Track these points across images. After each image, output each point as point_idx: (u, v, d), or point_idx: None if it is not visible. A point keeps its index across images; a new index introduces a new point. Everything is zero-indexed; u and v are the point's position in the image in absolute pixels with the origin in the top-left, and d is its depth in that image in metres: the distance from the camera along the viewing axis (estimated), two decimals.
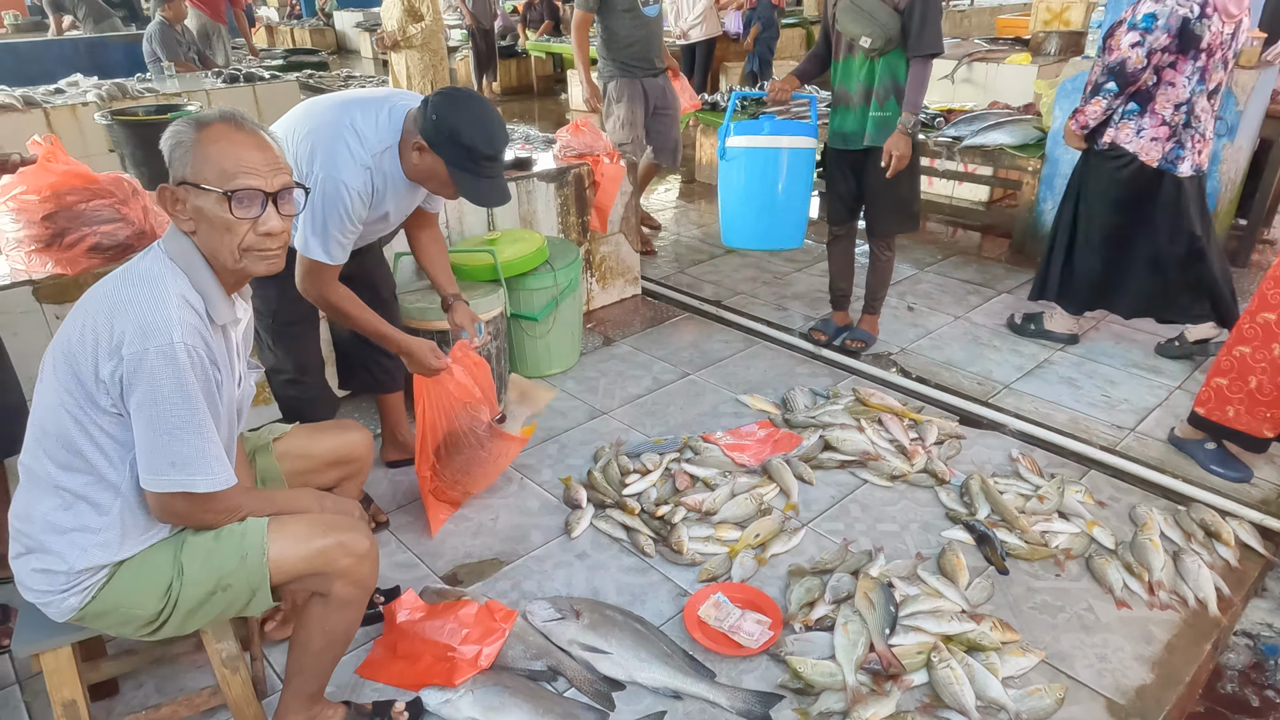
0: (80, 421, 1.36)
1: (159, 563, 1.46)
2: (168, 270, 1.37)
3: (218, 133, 1.37)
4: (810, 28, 10.35)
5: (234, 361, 1.50)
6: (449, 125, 1.85)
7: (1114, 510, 2.46)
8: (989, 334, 3.57)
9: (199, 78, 6.25)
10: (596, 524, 2.41)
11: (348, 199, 1.92)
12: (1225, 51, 2.83)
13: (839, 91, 3.07)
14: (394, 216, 2.15)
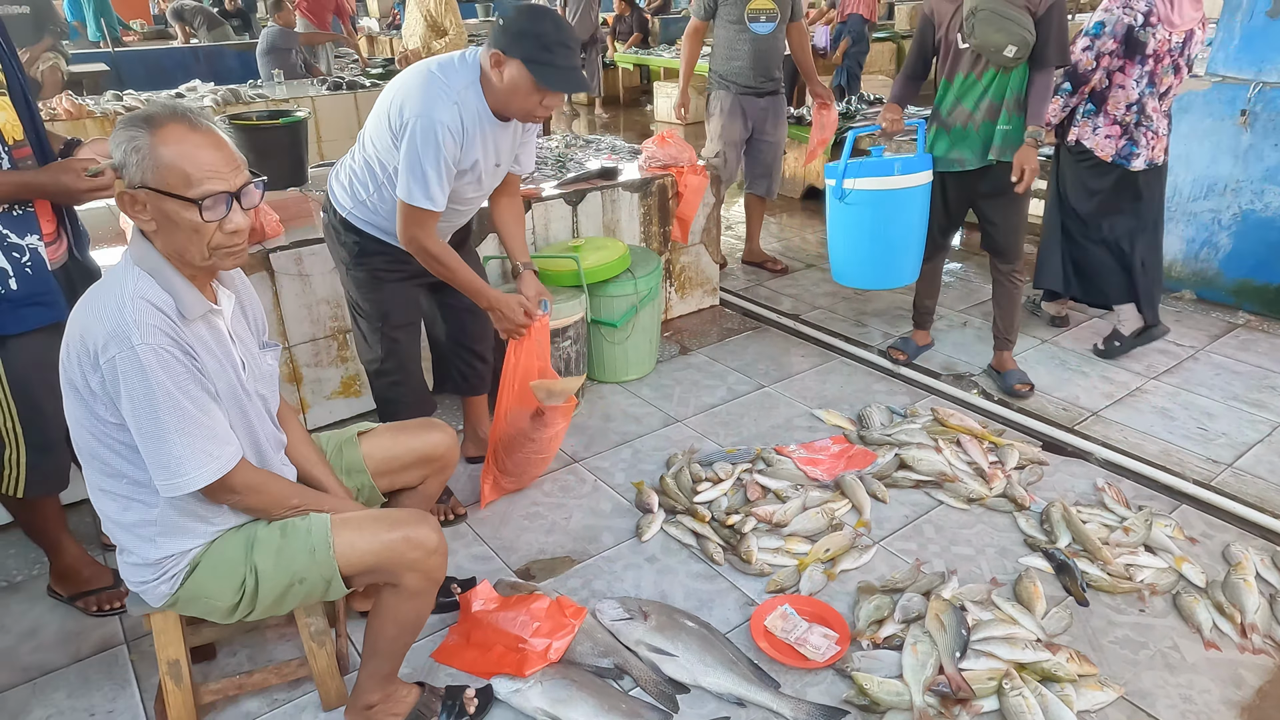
0: (95, 434, 1.45)
1: (231, 559, 1.56)
2: (130, 275, 1.41)
3: (174, 134, 1.36)
4: (901, 42, 10.19)
5: (230, 348, 1.54)
6: (518, 24, 1.92)
7: (1205, 547, 2.36)
8: (1078, 359, 3.46)
9: (305, 84, 6.57)
10: (667, 529, 2.44)
11: (440, 135, 1.96)
12: (1175, 58, 3.11)
13: (954, 111, 2.94)
14: (484, 170, 2.14)
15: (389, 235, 2.22)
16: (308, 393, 2.93)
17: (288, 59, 6.99)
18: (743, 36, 3.96)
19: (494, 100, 2.02)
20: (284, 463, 1.72)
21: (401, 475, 1.91)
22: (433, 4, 5.26)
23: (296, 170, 3.48)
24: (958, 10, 2.81)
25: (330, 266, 2.83)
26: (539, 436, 2.43)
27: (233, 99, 5.65)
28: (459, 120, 1.99)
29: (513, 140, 2.21)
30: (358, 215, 2.23)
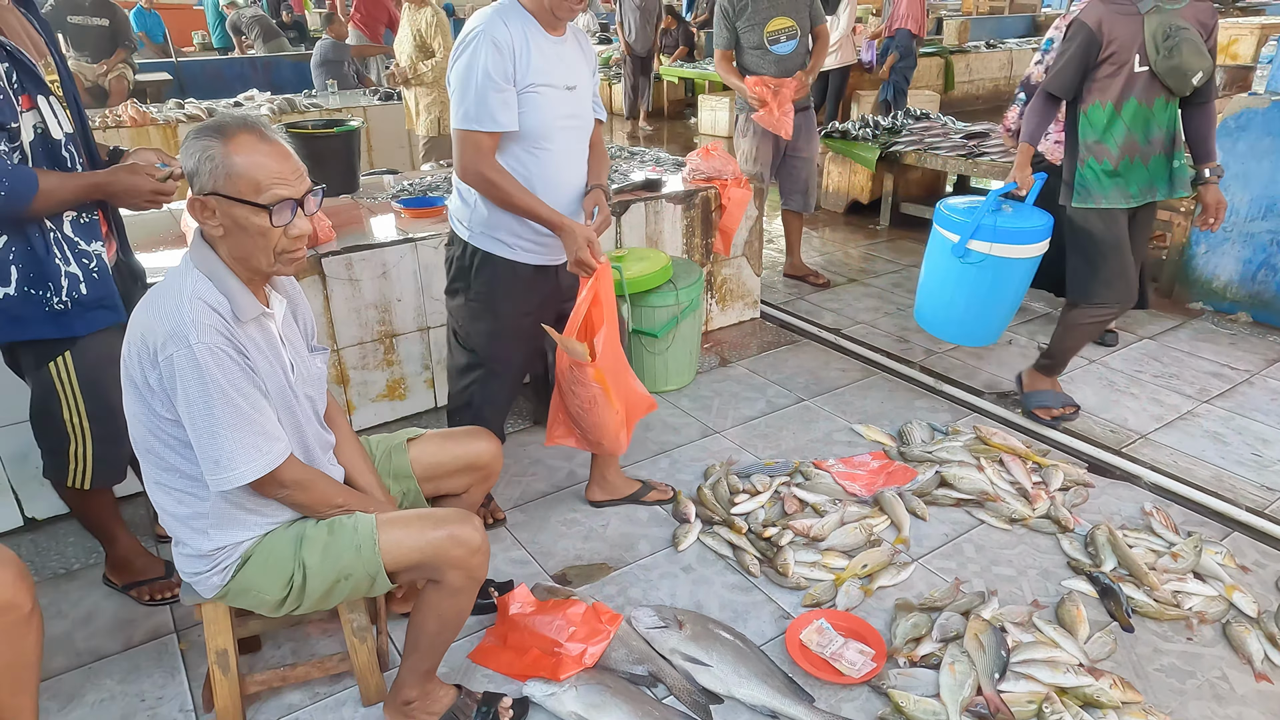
0: (152, 430, 1.51)
1: (281, 555, 1.61)
2: (189, 277, 1.47)
3: (245, 144, 1.43)
4: (949, 57, 10.11)
5: (279, 350, 1.59)
6: None
7: (1258, 576, 2.29)
8: (1126, 380, 3.40)
9: (357, 94, 6.74)
10: (703, 539, 2.45)
11: (483, 47, 1.91)
12: None
13: (1123, 142, 2.68)
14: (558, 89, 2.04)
15: (518, 240, 2.15)
16: (354, 395, 3.00)
17: (340, 70, 7.17)
18: (766, 59, 4.00)
19: (533, 2, 1.99)
20: (332, 463, 1.77)
21: (446, 481, 1.95)
22: (423, 24, 5.14)
23: (349, 177, 3.57)
24: (1139, 29, 2.57)
25: (379, 271, 2.90)
26: (579, 391, 2.24)
27: (288, 108, 5.82)
28: (504, 31, 1.93)
29: (583, 60, 2.15)
30: (479, 225, 2.15)
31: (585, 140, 2.22)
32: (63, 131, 1.83)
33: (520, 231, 2.14)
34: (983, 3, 15.46)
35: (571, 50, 2.10)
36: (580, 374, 2.20)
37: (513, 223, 2.12)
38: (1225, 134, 3.86)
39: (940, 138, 5.32)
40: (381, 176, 4.08)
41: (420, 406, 3.18)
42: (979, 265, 2.86)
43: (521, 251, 2.17)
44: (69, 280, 1.85)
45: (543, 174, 2.09)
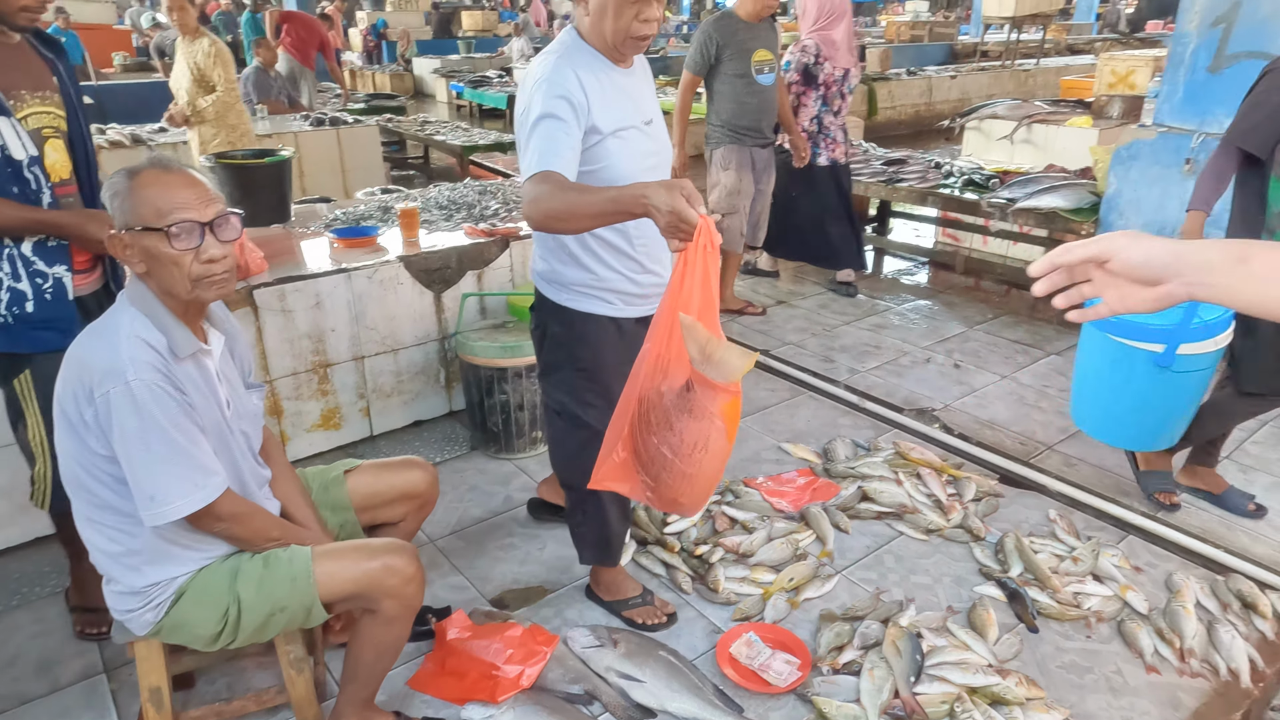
0: (85, 466, 1.53)
1: (216, 590, 1.62)
2: (126, 314, 1.51)
3: (148, 178, 1.49)
4: (873, 84, 10.51)
5: (216, 387, 1.62)
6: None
7: (1150, 576, 2.48)
8: (1035, 395, 3.61)
9: (288, 120, 6.69)
10: (638, 559, 2.52)
11: (553, 86, 1.73)
12: (840, 86, 4.42)
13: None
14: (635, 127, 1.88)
15: (619, 298, 1.97)
16: (288, 425, 2.99)
17: (270, 94, 7.11)
18: (751, 89, 3.96)
19: (596, 38, 1.82)
20: (267, 497, 1.79)
21: (383, 511, 1.98)
22: (200, 56, 4.79)
23: (281, 207, 3.57)
24: None
25: (313, 302, 2.92)
26: (680, 426, 1.49)
27: None
28: (570, 78, 1.75)
29: (651, 90, 2.01)
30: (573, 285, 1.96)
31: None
32: (26, 154, 1.86)
33: (625, 286, 1.97)
34: (904, 31, 16.12)
35: (640, 82, 1.95)
36: (703, 402, 1.47)
37: (616, 279, 1.95)
38: (1119, 163, 4.15)
39: (862, 164, 5.55)
40: (314, 205, 4.09)
41: (356, 435, 3.20)
42: (1188, 371, 2.48)
43: (626, 307, 1.99)
44: (12, 295, 1.88)
45: (640, 231, 1.89)
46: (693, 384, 1.44)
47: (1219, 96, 3.77)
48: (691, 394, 1.45)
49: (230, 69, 4.93)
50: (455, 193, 4.01)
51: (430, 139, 7.76)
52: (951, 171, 5.24)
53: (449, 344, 3.29)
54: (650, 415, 1.50)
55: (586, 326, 1.99)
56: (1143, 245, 0.86)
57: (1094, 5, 19.80)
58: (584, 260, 1.93)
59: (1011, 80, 12.34)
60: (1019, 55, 13.86)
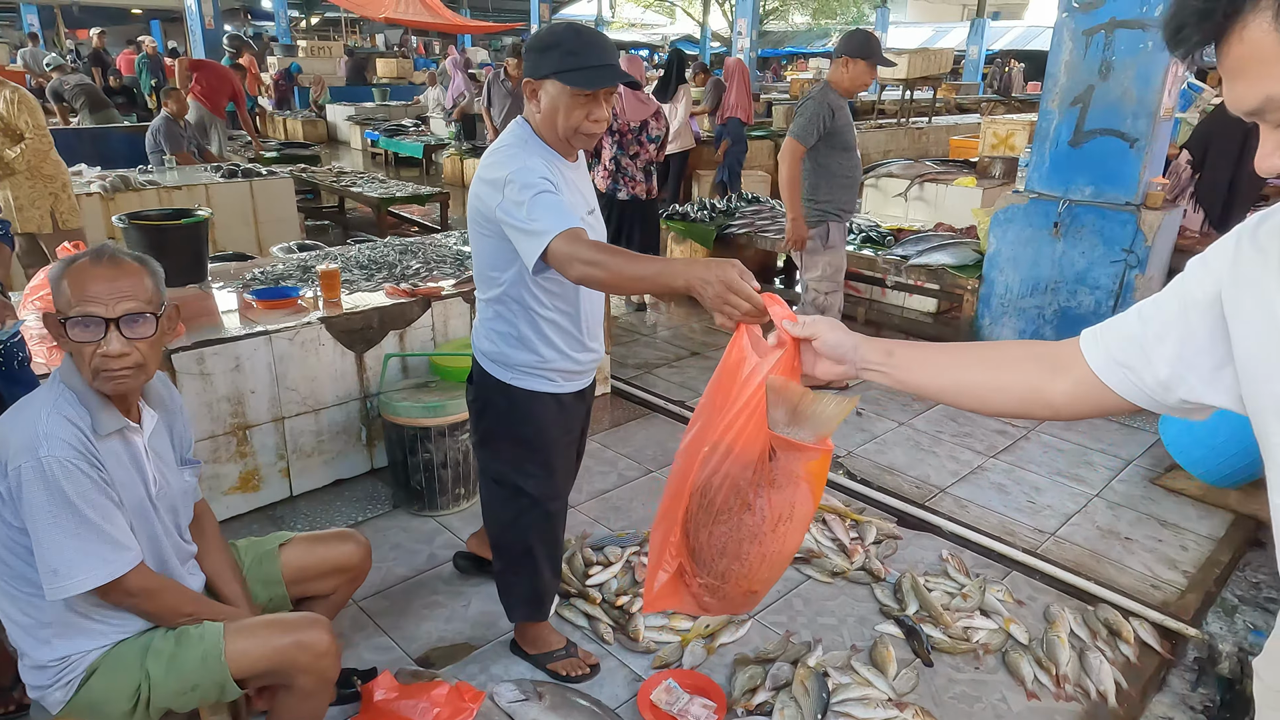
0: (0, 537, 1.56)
1: (127, 667, 1.63)
2: (52, 391, 1.56)
3: (77, 267, 1.54)
4: (777, 140, 11.04)
5: (143, 464, 1.65)
6: (538, 44, 1.88)
7: (1030, 609, 2.71)
8: (929, 440, 3.88)
9: (198, 171, 6.59)
10: (561, 612, 2.61)
11: (529, 171, 1.80)
12: (637, 135, 5.16)
13: None
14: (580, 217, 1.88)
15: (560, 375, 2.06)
16: (205, 489, 2.95)
17: (180, 144, 7.00)
18: (850, 163, 3.95)
19: (548, 133, 1.91)
20: (191, 572, 1.81)
21: (314, 584, 2.00)
22: (1, 106, 4.37)
23: (197, 267, 3.57)
24: None
25: (232, 365, 2.93)
26: (760, 503, 1.29)
27: (122, 185, 5.62)
28: (541, 164, 1.86)
29: (589, 181, 2.13)
30: (519, 366, 2.05)
31: None
32: None
33: (567, 365, 2.07)
34: (807, 87, 16.93)
35: (583, 175, 2.07)
36: (788, 467, 1.27)
37: (560, 359, 2.05)
38: (998, 224, 4.54)
39: (769, 220, 5.87)
40: (229, 263, 4.07)
41: (275, 496, 3.19)
42: None
43: (566, 383, 2.10)
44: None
45: (588, 310, 2.05)
46: (774, 451, 1.28)
47: (1080, 168, 4.21)
48: (774, 462, 1.28)
49: (38, 115, 4.51)
50: (376, 251, 4.07)
51: (347, 190, 7.75)
52: (851, 228, 5.59)
53: (371, 403, 3.33)
54: (715, 503, 1.33)
55: (530, 404, 2.08)
56: (835, 335, 1.22)
57: (979, 67, 21.30)
58: (534, 344, 2.03)
59: (906, 137, 13.12)
60: (913, 114, 14.77)
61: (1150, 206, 4.05)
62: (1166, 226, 4.17)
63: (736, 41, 15.74)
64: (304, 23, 27.94)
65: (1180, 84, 4.12)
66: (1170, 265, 4.40)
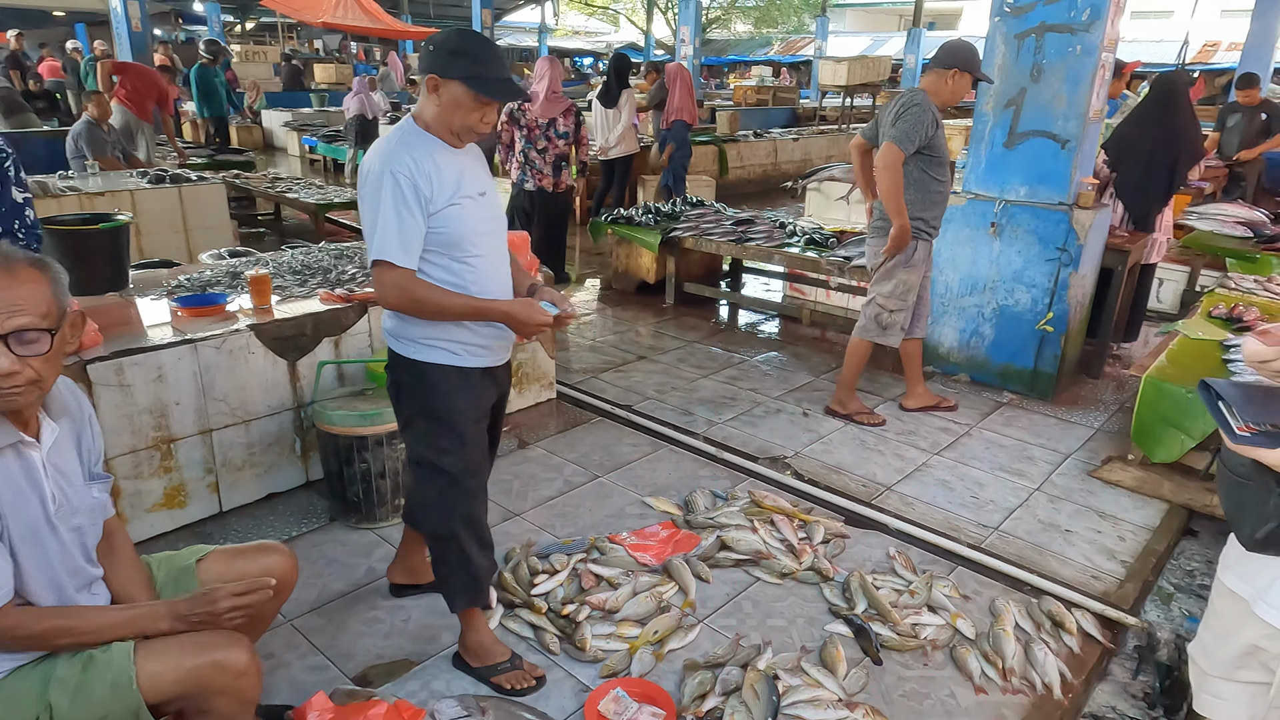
0: None
1: (23, 700, 1.51)
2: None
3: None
4: (723, 145, 11.11)
5: (39, 481, 1.53)
6: (449, 46, 1.97)
7: (976, 603, 2.72)
8: (875, 439, 3.90)
9: (123, 176, 6.33)
10: (505, 623, 2.53)
11: (398, 181, 1.94)
12: (545, 131, 5.66)
13: None
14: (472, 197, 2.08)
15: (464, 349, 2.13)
16: (126, 506, 2.82)
17: (103, 149, 6.72)
18: (945, 177, 3.79)
19: (440, 127, 2.04)
20: (95, 595, 1.69)
21: None
22: None
23: (117, 275, 3.40)
24: None
25: (154, 375, 2.79)
26: None
27: (40, 192, 5.36)
28: (415, 160, 1.97)
29: (483, 167, 2.20)
30: (422, 339, 2.12)
31: (505, 243, 2.27)
32: None
33: (467, 337, 2.13)
34: (750, 94, 17.14)
35: (472, 159, 2.16)
36: None
37: (457, 329, 2.12)
38: None
39: (714, 223, 5.87)
40: (155, 270, 3.90)
41: (203, 513, 3.04)
42: None
43: (470, 357, 2.15)
44: None
45: (478, 280, 2.12)
46: None
47: (1015, 169, 4.29)
48: None
49: None
50: (310, 257, 3.94)
51: (282, 196, 7.54)
52: (795, 231, 5.63)
53: (305, 413, 3.21)
54: None
55: (435, 377, 2.14)
56: None
57: (917, 76, 21.80)
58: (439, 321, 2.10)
59: (848, 143, 13.34)
60: (853, 119, 15.03)
61: (1082, 206, 4.15)
62: (1098, 225, 4.27)
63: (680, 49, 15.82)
64: (239, 27, 27.21)
65: (1106, 86, 4.24)
66: (1101, 264, 4.52)
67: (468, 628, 2.35)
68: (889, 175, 3.62)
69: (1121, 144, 4.93)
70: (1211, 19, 22.74)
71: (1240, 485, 1.02)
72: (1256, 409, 1.02)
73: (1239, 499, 1.05)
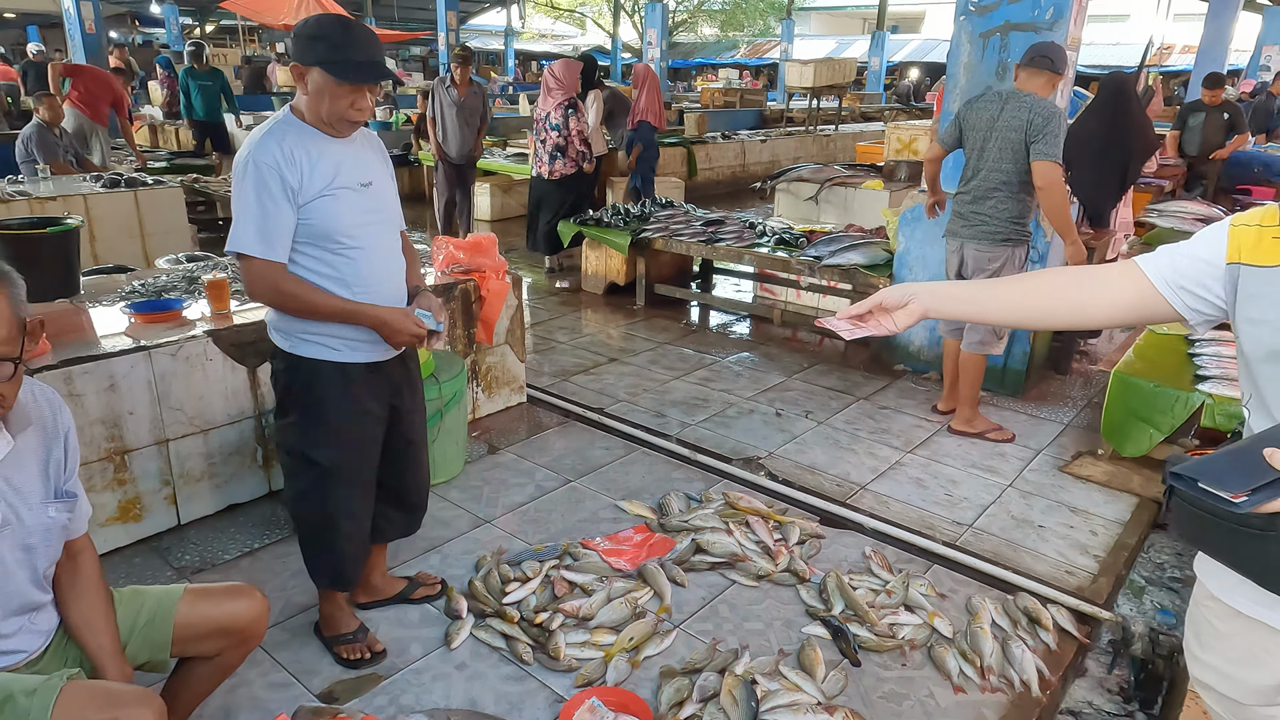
0: None
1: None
2: None
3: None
4: (691, 147, 11.10)
5: None
6: (306, 32, 1.95)
7: (953, 601, 2.71)
8: (848, 438, 3.89)
9: (75, 180, 6.14)
10: (476, 633, 2.47)
11: (260, 171, 1.92)
12: (545, 123, 6.15)
13: None
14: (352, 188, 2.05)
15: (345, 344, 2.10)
16: None
17: (55, 153, 6.52)
18: None
19: (310, 115, 2.01)
20: (31, 626, 1.58)
21: (196, 645, 1.77)
22: None
23: (67, 280, 3.27)
24: None
25: (106, 384, 2.69)
26: None
27: None
28: (275, 150, 1.94)
29: (377, 158, 2.18)
30: (300, 333, 2.09)
31: (396, 236, 2.22)
32: None
33: (344, 332, 2.09)
34: (717, 97, 17.18)
35: (360, 149, 2.12)
36: None
37: (338, 325, 2.08)
38: (905, 224, 4.62)
39: (683, 224, 5.84)
40: (109, 276, 3.77)
41: (160, 526, 2.94)
42: None
43: (350, 352, 2.12)
44: None
45: (356, 273, 2.08)
46: None
47: None
48: None
49: None
50: None
51: None
52: (765, 231, 5.61)
53: (267, 421, 3.11)
54: None
55: (312, 371, 2.12)
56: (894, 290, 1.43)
57: (881, 78, 22.03)
58: None
59: (815, 144, 13.41)
60: (820, 121, 15.12)
61: None
62: None
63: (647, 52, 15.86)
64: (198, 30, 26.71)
65: (1070, 86, 4.28)
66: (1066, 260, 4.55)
67: (324, 599, 2.39)
68: (1058, 195, 3.49)
69: (1074, 143, 4.98)
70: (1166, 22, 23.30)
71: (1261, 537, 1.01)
72: (1235, 474, 1.01)
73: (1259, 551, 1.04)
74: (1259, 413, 1.18)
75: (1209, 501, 1.01)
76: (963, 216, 3.78)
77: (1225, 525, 1.01)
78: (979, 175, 3.68)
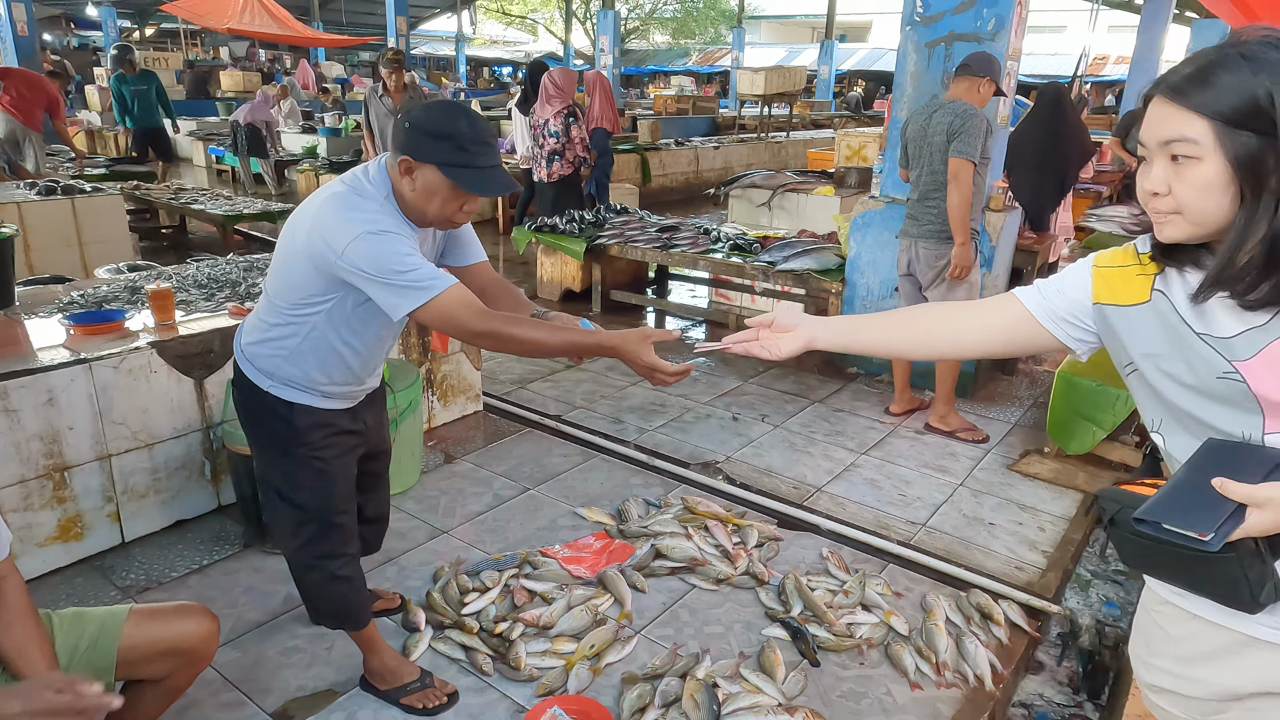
0: None
1: None
2: None
3: None
4: (645, 153, 11.15)
5: None
6: (428, 124, 1.76)
7: (908, 600, 2.76)
8: (804, 441, 3.93)
9: (8, 188, 5.93)
10: (435, 646, 2.43)
11: (393, 238, 1.74)
12: (544, 130, 6.31)
13: None
14: None
15: (323, 395, 1.99)
16: (14, 542, 2.60)
17: None
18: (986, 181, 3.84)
19: (409, 210, 1.83)
20: None
21: (143, 667, 1.71)
22: None
23: (1, 291, 3.15)
24: None
25: (44, 399, 2.59)
26: None
27: None
28: (391, 223, 1.79)
29: (432, 246, 2.04)
30: (284, 379, 1.96)
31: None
32: None
33: (332, 390, 2.00)
34: (670, 104, 17.28)
35: (428, 235, 2.01)
36: None
37: (329, 385, 1.98)
38: (856, 229, 4.70)
39: (638, 231, 5.86)
40: (45, 286, 3.64)
41: (103, 544, 2.84)
42: None
43: (327, 400, 2.01)
44: None
45: (369, 352, 2.01)
46: None
47: None
48: None
49: None
50: (217, 269, 3.75)
51: (187, 208, 7.19)
52: (719, 237, 5.66)
53: (215, 434, 3.03)
54: None
55: (292, 413, 1.99)
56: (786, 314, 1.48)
57: (831, 86, 22.39)
58: (307, 363, 1.94)
59: (767, 151, 13.58)
60: (772, 128, 15.31)
61: (993, 209, 4.29)
62: (1008, 227, 4.43)
63: (599, 59, 15.86)
64: (138, 33, 25.99)
65: (1012, 94, 4.40)
66: (1013, 264, 4.68)
67: (367, 651, 2.25)
68: (963, 190, 3.58)
69: (1014, 149, 5.14)
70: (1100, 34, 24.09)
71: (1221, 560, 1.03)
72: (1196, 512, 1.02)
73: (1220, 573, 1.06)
74: (1175, 434, 1.19)
75: (1178, 543, 1.03)
76: (914, 218, 3.92)
77: (1188, 553, 1.03)
78: (922, 180, 3.84)
